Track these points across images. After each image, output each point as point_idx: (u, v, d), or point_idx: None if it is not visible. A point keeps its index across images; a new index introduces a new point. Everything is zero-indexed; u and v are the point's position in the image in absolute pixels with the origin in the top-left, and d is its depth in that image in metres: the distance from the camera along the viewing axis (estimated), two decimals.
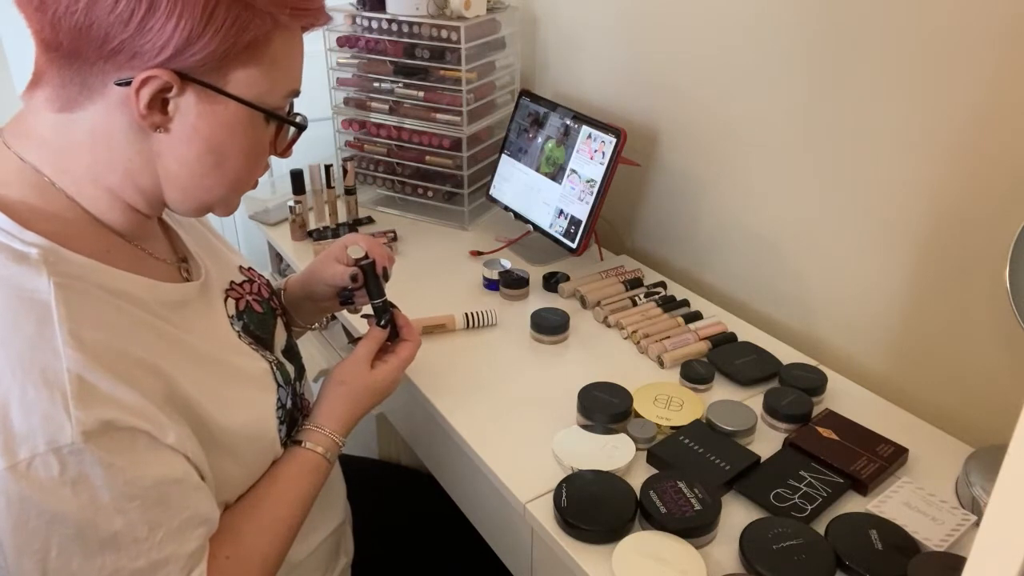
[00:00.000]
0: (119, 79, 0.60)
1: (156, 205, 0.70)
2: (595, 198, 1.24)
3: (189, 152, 0.65)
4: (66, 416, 0.54)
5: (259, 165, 0.72)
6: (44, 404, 0.54)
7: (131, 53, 0.59)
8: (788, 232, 1.17)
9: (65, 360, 0.55)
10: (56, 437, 0.54)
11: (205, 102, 0.63)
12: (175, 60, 0.60)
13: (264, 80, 0.65)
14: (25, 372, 0.54)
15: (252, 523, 0.73)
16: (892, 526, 0.78)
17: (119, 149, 0.64)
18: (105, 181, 0.65)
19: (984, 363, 0.95)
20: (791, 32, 1.08)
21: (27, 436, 0.53)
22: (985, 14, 0.85)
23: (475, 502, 1.04)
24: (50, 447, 0.54)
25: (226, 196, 0.71)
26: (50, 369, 0.55)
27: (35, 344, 0.55)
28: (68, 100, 0.62)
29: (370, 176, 1.55)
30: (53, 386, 0.54)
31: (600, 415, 0.93)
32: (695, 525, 0.77)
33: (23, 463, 0.53)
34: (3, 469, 0.53)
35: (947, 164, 0.94)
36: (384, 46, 1.42)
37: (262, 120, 0.68)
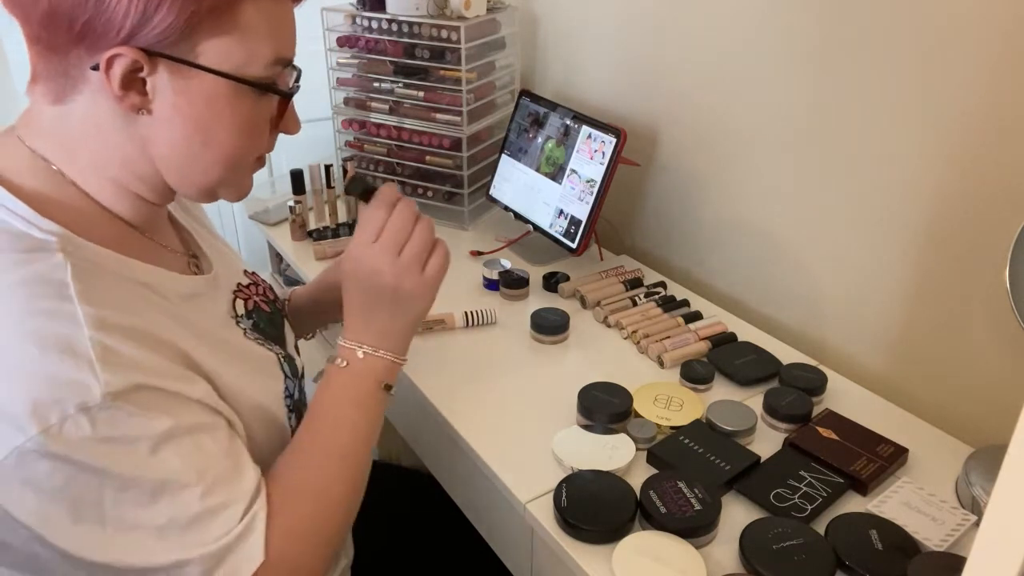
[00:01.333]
0: (93, 64, 0.60)
1: (161, 192, 0.69)
2: (595, 198, 1.24)
3: (175, 133, 0.64)
4: (93, 378, 0.55)
5: (255, 142, 0.69)
6: (70, 370, 0.55)
7: (96, 35, 0.58)
8: (788, 232, 1.17)
9: (87, 329, 0.56)
10: (85, 398, 0.54)
11: (180, 77, 0.61)
12: (137, 36, 0.59)
13: (239, 49, 0.62)
14: (48, 344, 0.55)
15: (284, 458, 0.72)
16: (892, 526, 0.78)
17: (111, 137, 0.64)
18: (107, 171, 0.66)
19: (984, 363, 0.95)
20: (791, 32, 1.08)
21: (56, 401, 0.54)
22: (986, 14, 0.85)
23: (475, 502, 1.04)
24: (80, 408, 0.54)
25: (225, 177, 0.69)
26: (73, 338, 0.55)
27: (56, 317, 0.56)
28: (59, 92, 0.63)
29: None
30: (77, 354, 0.55)
31: (600, 415, 0.93)
32: (695, 525, 0.77)
33: (55, 427, 0.54)
34: (36, 435, 0.53)
35: (947, 164, 0.94)
36: (384, 46, 1.42)
37: (250, 93, 0.65)
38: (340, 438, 0.74)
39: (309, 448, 0.73)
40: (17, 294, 0.56)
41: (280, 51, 0.66)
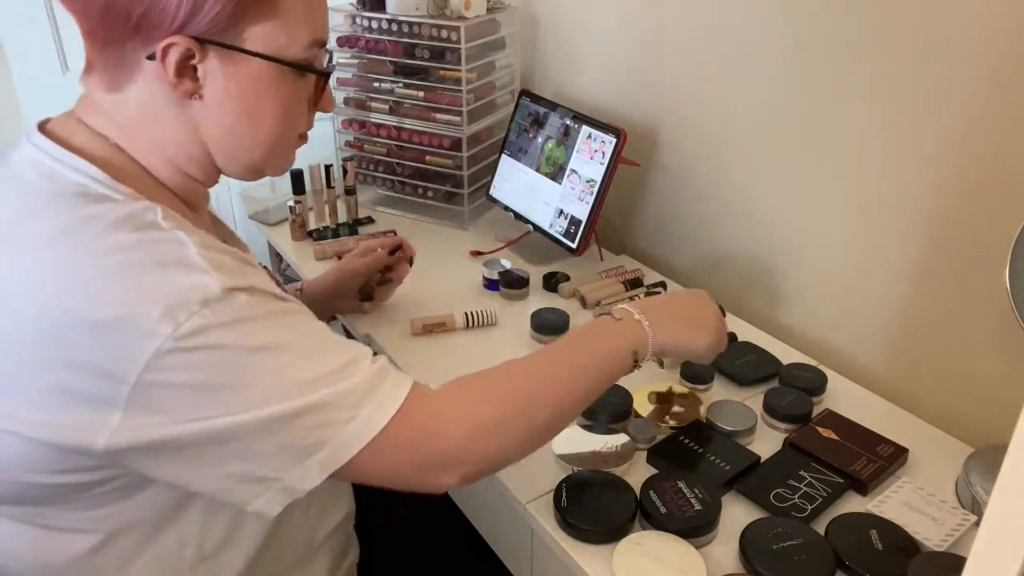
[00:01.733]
0: (148, 53, 0.64)
1: (210, 172, 0.74)
2: (595, 198, 1.24)
3: (224, 115, 0.69)
4: (209, 279, 0.60)
5: (297, 121, 0.74)
6: (187, 278, 0.60)
7: (151, 26, 0.63)
8: (788, 232, 1.17)
9: (194, 248, 0.61)
10: (206, 295, 0.59)
11: (228, 63, 0.66)
12: (189, 25, 0.63)
13: (281, 33, 0.67)
14: (163, 263, 0.60)
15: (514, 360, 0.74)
16: (892, 526, 0.78)
17: (166, 121, 0.68)
18: (164, 152, 0.70)
19: (984, 363, 0.95)
20: (792, 32, 1.08)
21: (181, 304, 0.58)
22: (986, 14, 0.85)
23: (475, 502, 1.04)
24: (203, 304, 0.59)
25: (270, 155, 0.74)
26: (183, 254, 0.61)
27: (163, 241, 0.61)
28: (115, 81, 0.67)
29: (370, 176, 1.55)
30: (191, 265, 0.60)
31: (600, 415, 0.93)
32: (695, 525, 0.77)
33: (184, 324, 0.58)
34: (170, 335, 0.57)
35: (947, 164, 0.94)
36: (384, 46, 1.42)
37: (291, 74, 0.70)
38: (567, 366, 0.75)
39: (535, 358, 0.75)
40: (120, 228, 0.61)
41: (316, 33, 0.70)
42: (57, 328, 0.58)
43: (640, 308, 0.81)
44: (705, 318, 0.84)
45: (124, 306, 0.57)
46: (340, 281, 1.12)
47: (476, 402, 0.70)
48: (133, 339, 0.57)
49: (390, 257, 1.12)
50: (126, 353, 0.57)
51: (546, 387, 0.73)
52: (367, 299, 1.16)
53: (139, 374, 0.57)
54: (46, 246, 0.60)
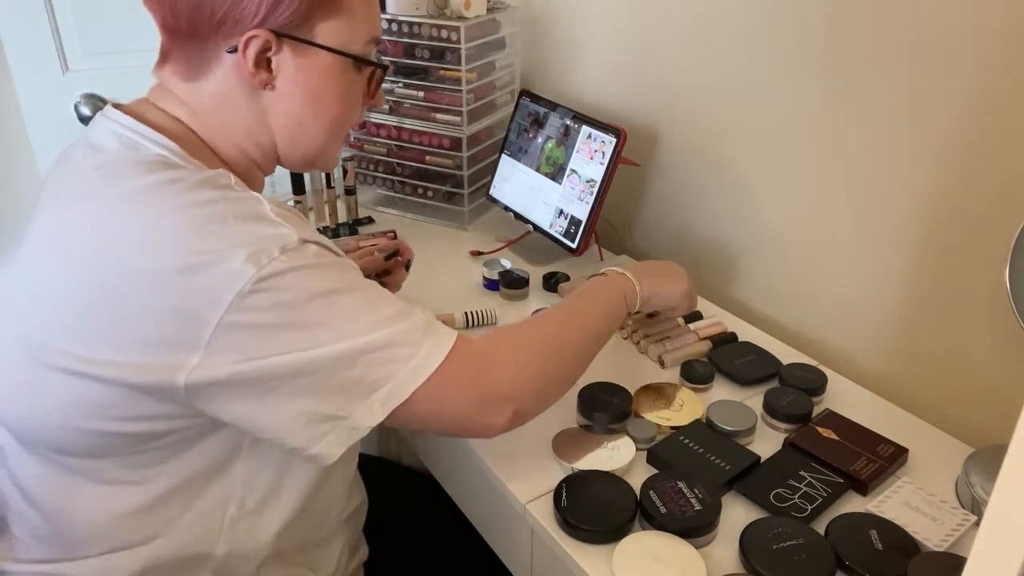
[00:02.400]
0: (229, 47, 0.71)
1: (271, 159, 0.80)
2: (595, 198, 1.24)
3: (293, 104, 0.75)
4: (287, 230, 0.65)
5: (354, 112, 0.81)
6: (267, 228, 0.65)
7: (234, 21, 0.69)
8: (788, 232, 1.17)
9: (267, 205, 0.67)
10: (285, 243, 0.64)
11: (300, 56, 0.73)
12: (269, 20, 0.70)
13: (345, 29, 0.74)
14: (244, 215, 0.65)
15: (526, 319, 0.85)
16: (892, 526, 0.78)
17: (238, 109, 0.75)
18: (233, 138, 0.76)
19: (984, 363, 0.95)
20: (792, 33, 1.08)
21: (263, 250, 0.63)
22: (986, 16, 0.85)
23: (475, 502, 1.04)
24: (282, 250, 0.64)
25: (328, 144, 0.80)
26: (260, 210, 0.67)
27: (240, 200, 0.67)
28: (192, 71, 0.73)
29: (370, 176, 1.55)
30: (268, 219, 0.66)
31: (600, 415, 0.93)
32: (695, 525, 0.77)
33: (266, 267, 0.63)
34: (253, 275, 0.62)
35: (947, 164, 0.94)
36: (384, 46, 1.42)
37: (351, 67, 0.76)
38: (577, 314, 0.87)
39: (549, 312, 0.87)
40: (202, 187, 0.66)
41: (374, 31, 0.78)
42: (148, 275, 0.62)
43: (624, 267, 0.98)
44: (677, 271, 1.04)
45: (210, 252, 0.62)
46: None
47: (518, 345, 0.79)
48: (219, 281, 0.62)
49: (386, 261, 1.12)
50: (212, 295, 0.62)
51: (567, 333, 0.83)
52: None
53: (223, 314, 0.62)
54: (135, 201, 0.65)
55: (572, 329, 0.84)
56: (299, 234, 0.66)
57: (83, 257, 0.65)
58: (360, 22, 0.75)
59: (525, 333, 0.81)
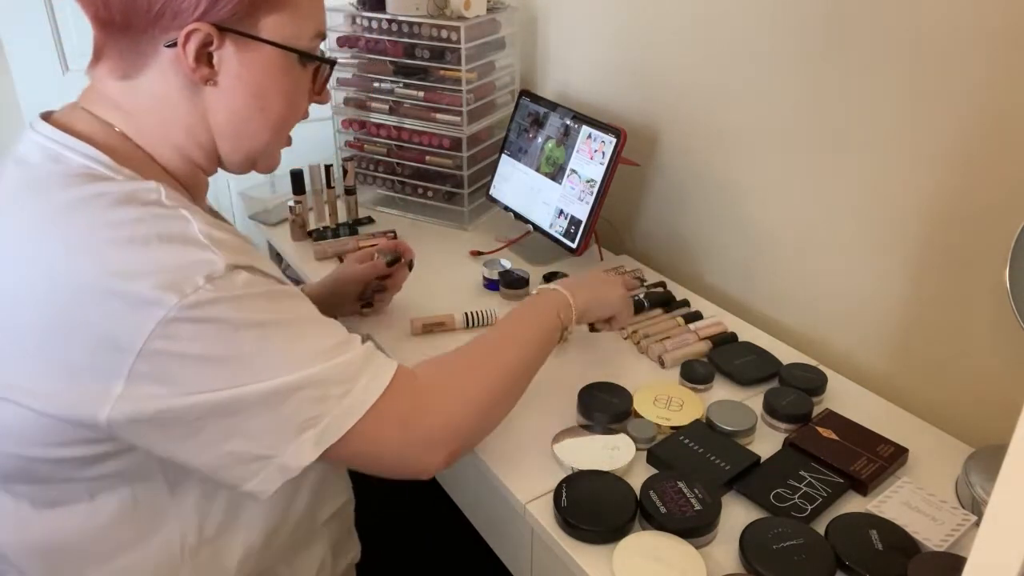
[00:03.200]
0: (167, 41, 0.67)
1: (213, 159, 0.76)
2: (595, 198, 1.24)
3: (236, 101, 0.72)
4: (214, 255, 0.62)
5: (299, 109, 0.78)
6: (192, 253, 0.62)
7: (172, 14, 0.66)
8: (788, 232, 1.17)
9: (196, 224, 0.64)
10: (211, 270, 0.61)
11: (243, 50, 0.70)
12: (210, 13, 0.66)
13: (291, 24, 0.71)
14: (169, 236, 0.62)
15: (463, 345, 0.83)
16: (892, 526, 0.78)
17: (178, 108, 0.71)
18: (172, 139, 0.72)
19: (984, 363, 0.95)
20: (792, 33, 1.08)
21: (186, 278, 0.60)
22: (985, 15, 0.85)
23: (475, 502, 1.04)
24: (207, 279, 0.61)
25: (269, 144, 0.77)
26: (187, 231, 0.63)
27: (168, 218, 0.64)
28: (128, 68, 0.69)
29: (370, 176, 1.55)
30: (196, 242, 0.63)
31: (600, 415, 0.93)
32: (695, 525, 0.77)
33: (190, 296, 0.60)
34: (175, 304, 0.59)
35: (947, 164, 0.94)
36: (384, 46, 1.42)
37: (296, 63, 0.73)
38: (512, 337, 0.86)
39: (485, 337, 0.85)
40: (125, 205, 0.63)
41: (319, 26, 0.75)
42: (63, 298, 0.59)
43: (556, 283, 0.97)
44: (609, 279, 1.04)
45: (130, 277, 0.59)
46: (339, 285, 1.12)
47: (455, 380, 0.78)
48: (138, 308, 0.59)
49: (387, 268, 1.12)
50: (131, 322, 0.59)
51: (504, 361, 0.82)
52: (367, 306, 1.16)
53: (144, 343, 0.59)
54: (55, 219, 0.62)
55: (509, 356, 0.83)
56: (229, 259, 0.63)
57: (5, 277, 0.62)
58: (305, 16, 0.73)
59: (462, 365, 0.80)
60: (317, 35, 0.75)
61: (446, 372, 0.78)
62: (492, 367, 0.81)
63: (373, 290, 1.15)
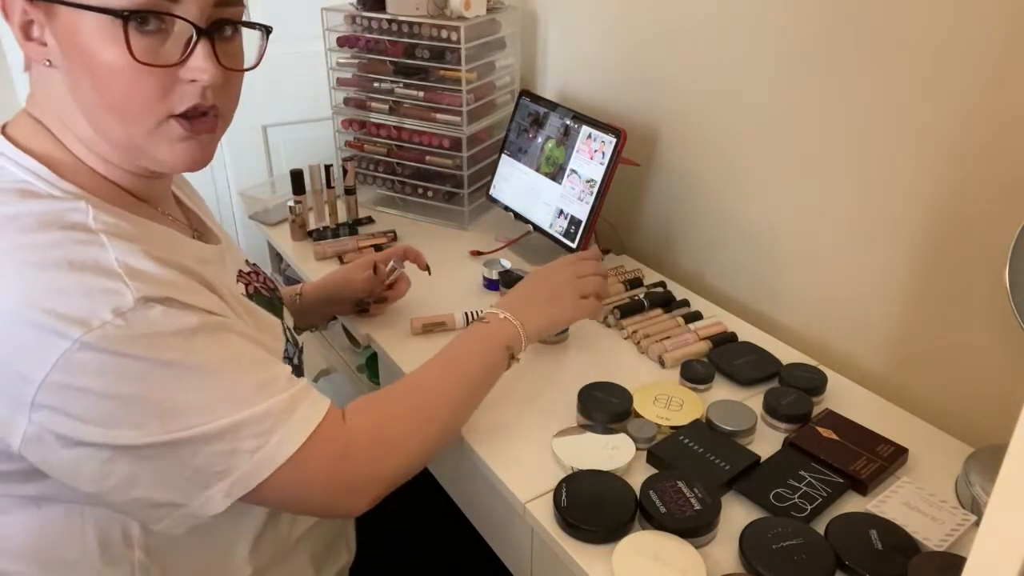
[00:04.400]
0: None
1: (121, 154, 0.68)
2: (595, 198, 1.24)
3: (73, 80, 0.63)
4: (125, 287, 0.59)
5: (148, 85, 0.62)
6: (103, 283, 0.59)
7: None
8: (788, 232, 1.17)
9: (113, 252, 0.60)
10: (119, 304, 0.58)
11: (52, 18, 0.61)
12: None
13: None
14: (80, 264, 0.59)
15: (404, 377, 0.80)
16: (892, 526, 0.78)
17: (57, 96, 0.65)
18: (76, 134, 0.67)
19: (984, 363, 0.95)
20: (791, 33, 1.08)
21: (94, 310, 0.57)
22: (985, 14, 0.85)
23: (475, 502, 1.04)
24: (115, 312, 0.58)
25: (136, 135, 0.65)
26: (102, 260, 0.60)
27: (83, 243, 0.60)
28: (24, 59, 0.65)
29: (370, 176, 1.55)
30: (108, 272, 0.59)
31: (600, 415, 0.93)
32: (695, 525, 0.77)
33: (96, 330, 0.57)
34: (80, 337, 0.57)
35: (947, 164, 0.94)
36: (384, 46, 1.42)
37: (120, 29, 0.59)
38: (453, 369, 0.83)
39: (422, 370, 0.82)
40: (45, 230, 0.60)
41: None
42: None
43: (505, 306, 0.90)
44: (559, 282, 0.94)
45: (37, 304, 0.56)
46: (340, 288, 1.12)
47: (382, 422, 0.74)
48: (43, 338, 0.56)
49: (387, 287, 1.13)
50: (35, 351, 0.56)
51: (440, 397, 0.79)
52: (364, 311, 1.16)
53: (46, 374, 0.56)
54: None
55: (446, 392, 0.80)
56: (142, 292, 0.59)
57: None
58: None
59: (398, 411, 0.76)
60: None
61: (379, 418, 0.74)
62: (429, 413, 0.77)
63: (374, 300, 1.15)
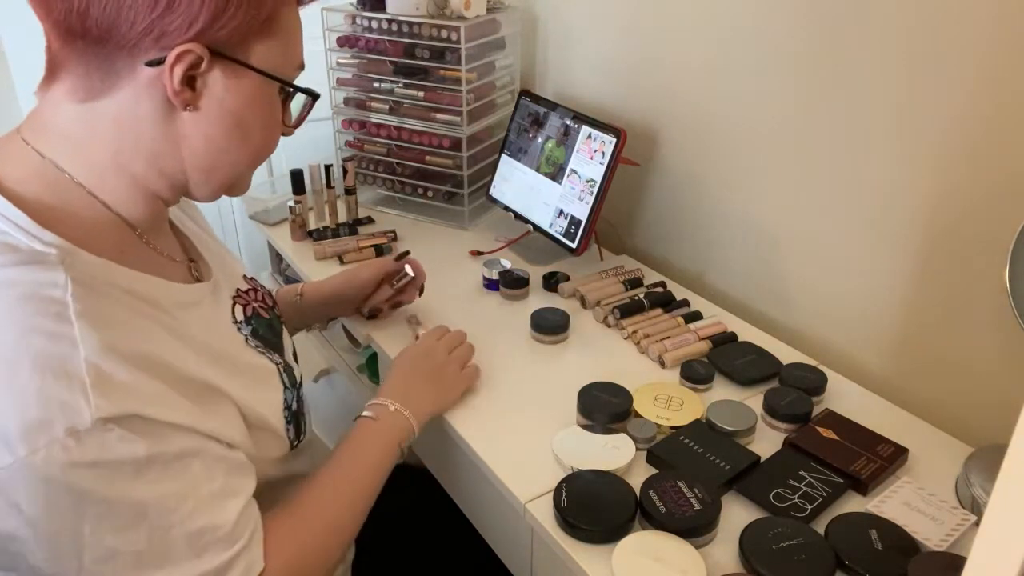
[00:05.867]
0: (149, 60, 0.61)
1: (178, 190, 0.71)
2: (595, 198, 1.24)
3: (217, 128, 0.67)
4: (85, 402, 0.55)
5: (275, 139, 0.74)
6: (62, 393, 0.55)
7: (160, 32, 0.60)
8: (788, 232, 1.17)
9: (83, 350, 0.56)
10: (75, 422, 0.55)
11: (231, 77, 0.65)
12: (204, 35, 0.62)
13: (279, 53, 0.68)
14: (44, 364, 0.55)
15: (305, 492, 0.77)
16: (892, 526, 0.78)
17: (146, 133, 0.65)
18: (130, 168, 0.66)
19: (984, 363, 0.95)
20: (790, 33, 1.08)
21: (46, 423, 0.54)
22: (985, 14, 0.85)
23: (475, 502, 1.04)
24: (69, 432, 0.54)
25: (245, 172, 0.74)
26: (68, 359, 0.56)
27: (53, 338, 0.56)
28: (92, 89, 0.63)
29: (370, 176, 1.55)
30: (72, 376, 0.55)
31: (600, 415, 0.93)
32: (695, 525, 0.77)
33: (42, 450, 0.54)
34: (24, 457, 0.54)
35: (947, 164, 0.94)
36: (384, 46, 1.42)
37: (276, 94, 0.70)
38: (357, 479, 0.82)
39: (327, 484, 0.80)
40: (16, 312, 0.56)
41: (300, 58, 0.72)
42: None
43: (394, 396, 0.90)
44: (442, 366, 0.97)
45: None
46: (345, 287, 1.11)
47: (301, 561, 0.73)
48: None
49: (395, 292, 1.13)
50: None
51: (339, 514, 0.78)
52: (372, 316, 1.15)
53: None
54: None
55: (344, 507, 0.79)
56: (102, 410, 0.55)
57: None
58: (293, 46, 0.70)
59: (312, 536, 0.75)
60: (299, 67, 0.72)
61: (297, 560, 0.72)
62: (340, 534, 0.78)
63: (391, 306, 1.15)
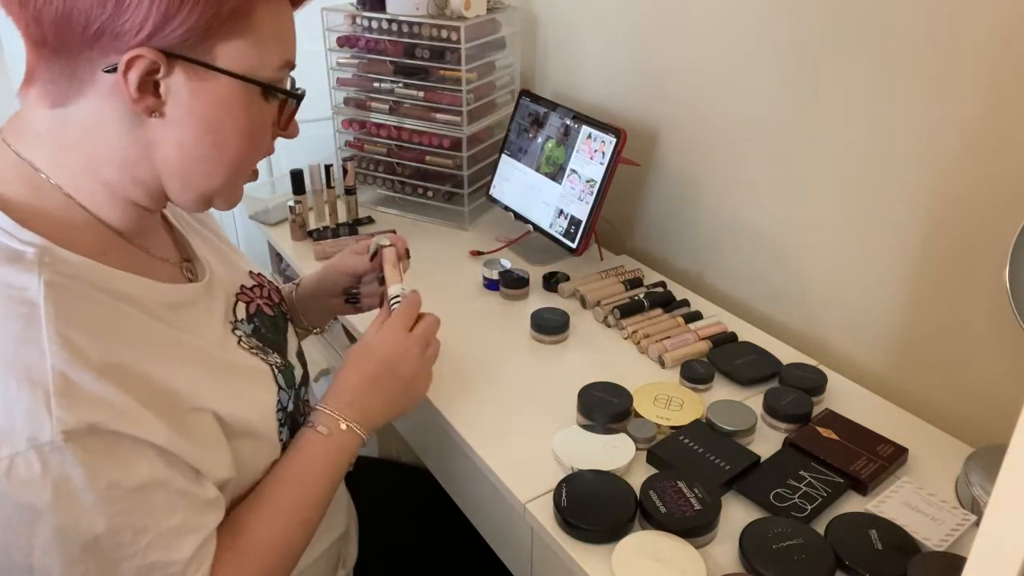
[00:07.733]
0: (106, 66, 0.59)
1: (157, 197, 0.68)
2: (595, 198, 1.24)
3: (186, 135, 0.64)
4: (47, 413, 0.53)
5: (259, 147, 0.70)
6: (26, 401, 0.53)
7: (112, 35, 0.58)
8: (788, 232, 1.17)
9: (50, 358, 0.55)
10: (37, 435, 0.53)
11: (196, 80, 0.62)
12: (157, 37, 0.58)
13: (252, 52, 0.63)
14: (8, 369, 0.54)
15: (252, 512, 0.72)
16: (892, 526, 0.78)
17: (114, 140, 0.63)
18: (103, 175, 0.64)
19: (984, 363, 0.95)
20: (791, 33, 1.08)
21: (8, 434, 0.53)
22: (985, 15, 0.85)
23: (475, 502, 1.04)
24: (31, 444, 0.53)
25: (226, 184, 0.69)
26: (34, 366, 0.54)
27: (21, 340, 0.55)
28: (59, 95, 0.62)
29: (370, 176, 1.55)
30: (36, 384, 0.54)
31: (600, 415, 0.93)
32: (695, 525, 0.77)
33: (4, 460, 0.53)
34: None
35: (947, 164, 0.94)
36: (384, 46, 1.42)
37: (258, 96, 0.66)
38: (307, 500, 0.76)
39: (277, 505, 0.74)
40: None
41: (286, 55, 0.67)
42: None
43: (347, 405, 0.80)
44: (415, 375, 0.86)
45: None
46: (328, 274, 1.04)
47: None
48: None
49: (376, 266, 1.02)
50: None
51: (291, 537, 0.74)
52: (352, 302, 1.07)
53: None
54: None
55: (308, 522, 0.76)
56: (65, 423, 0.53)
57: None
58: (270, 44, 0.64)
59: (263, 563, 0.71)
60: (285, 64, 0.67)
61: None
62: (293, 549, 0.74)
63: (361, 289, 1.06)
